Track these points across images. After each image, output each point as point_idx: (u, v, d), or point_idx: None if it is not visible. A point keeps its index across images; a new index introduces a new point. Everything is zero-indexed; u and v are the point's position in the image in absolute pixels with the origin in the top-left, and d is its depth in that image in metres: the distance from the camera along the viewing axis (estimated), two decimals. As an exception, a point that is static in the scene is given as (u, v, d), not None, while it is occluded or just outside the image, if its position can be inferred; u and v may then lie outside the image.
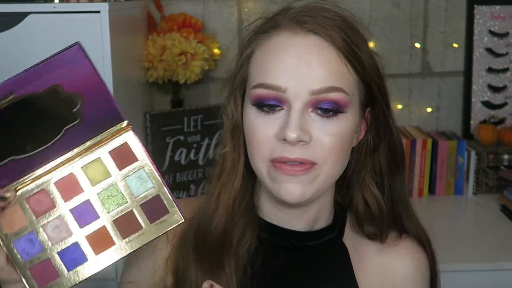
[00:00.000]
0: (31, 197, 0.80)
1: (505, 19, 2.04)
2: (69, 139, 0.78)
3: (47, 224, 0.79)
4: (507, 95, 2.07)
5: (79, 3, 1.36)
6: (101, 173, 0.80)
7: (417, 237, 0.96)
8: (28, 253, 0.79)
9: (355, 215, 0.96)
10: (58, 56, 0.70)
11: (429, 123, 2.10)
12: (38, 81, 0.71)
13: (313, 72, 0.81)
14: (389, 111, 0.91)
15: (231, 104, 0.90)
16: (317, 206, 0.92)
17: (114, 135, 0.80)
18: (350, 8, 0.92)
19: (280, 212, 0.92)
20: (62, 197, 0.80)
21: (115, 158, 0.80)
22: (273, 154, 0.83)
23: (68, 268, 0.79)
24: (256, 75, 0.85)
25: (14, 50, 1.32)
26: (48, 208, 0.80)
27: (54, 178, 0.80)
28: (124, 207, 0.80)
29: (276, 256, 0.92)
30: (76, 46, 0.70)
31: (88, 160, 0.80)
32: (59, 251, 0.79)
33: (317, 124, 0.83)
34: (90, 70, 0.72)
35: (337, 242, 0.95)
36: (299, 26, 0.84)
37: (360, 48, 0.85)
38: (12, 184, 0.79)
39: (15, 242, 0.79)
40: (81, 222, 0.79)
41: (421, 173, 1.94)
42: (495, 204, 1.87)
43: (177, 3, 1.98)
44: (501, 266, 1.54)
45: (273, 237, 0.92)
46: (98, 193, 0.80)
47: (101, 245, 0.79)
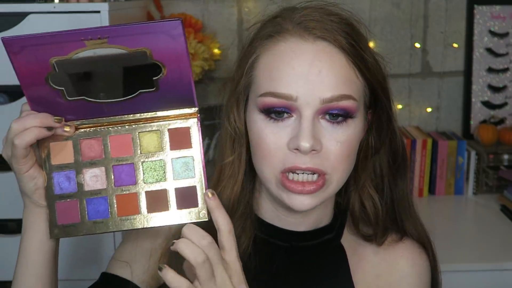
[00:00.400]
0: (85, 140, 0.83)
1: (505, 19, 2.04)
2: (140, 103, 0.80)
3: (88, 170, 0.83)
4: (507, 95, 2.07)
5: (79, 3, 1.36)
6: (154, 145, 0.83)
7: (418, 239, 0.96)
8: (62, 188, 0.83)
9: (351, 216, 0.96)
10: (158, 24, 0.72)
11: (429, 123, 2.10)
12: (132, 38, 0.72)
13: (324, 79, 0.81)
14: (392, 112, 0.90)
15: (233, 110, 0.89)
16: (320, 211, 0.92)
17: (181, 116, 0.83)
18: (350, 8, 0.91)
19: (282, 215, 0.92)
20: (111, 151, 0.83)
21: (172, 137, 0.83)
22: (285, 164, 0.82)
23: (89, 217, 0.82)
24: (264, 82, 0.84)
25: (14, 50, 1.32)
26: (96, 156, 0.83)
27: (112, 132, 0.83)
28: (160, 184, 0.82)
29: (273, 256, 0.92)
30: (178, 21, 0.71)
31: (147, 129, 0.83)
32: (88, 198, 0.82)
33: (327, 131, 0.82)
34: (182, 48, 0.74)
35: (334, 242, 0.95)
36: (307, 32, 0.83)
37: (366, 51, 0.85)
38: (75, 122, 0.82)
39: (54, 174, 0.83)
40: (118, 181, 0.82)
41: (421, 173, 1.94)
42: (495, 204, 1.87)
43: (177, 3, 1.98)
44: (501, 266, 1.54)
45: (270, 237, 0.92)
46: (143, 161, 0.83)
47: (126, 209, 0.82)
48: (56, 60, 0.74)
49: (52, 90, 0.77)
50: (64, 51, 0.74)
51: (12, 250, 0.90)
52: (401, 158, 0.94)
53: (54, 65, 0.75)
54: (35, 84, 0.77)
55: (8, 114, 1.33)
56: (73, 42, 0.73)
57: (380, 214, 0.93)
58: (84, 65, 0.75)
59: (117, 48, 0.73)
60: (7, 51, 0.74)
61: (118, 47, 0.73)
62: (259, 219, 0.93)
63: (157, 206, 0.82)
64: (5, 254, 1.33)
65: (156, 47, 0.74)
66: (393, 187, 0.94)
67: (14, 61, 0.75)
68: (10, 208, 1.36)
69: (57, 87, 0.77)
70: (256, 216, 0.93)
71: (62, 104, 0.79)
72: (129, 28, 0.72)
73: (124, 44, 0.73)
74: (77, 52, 0.73)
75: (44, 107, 0.80)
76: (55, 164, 0.83)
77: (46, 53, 0.74)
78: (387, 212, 0.95)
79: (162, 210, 0.82)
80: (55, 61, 0.74)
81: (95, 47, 0.73)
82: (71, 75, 0.76)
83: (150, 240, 0.93)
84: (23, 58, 0.74)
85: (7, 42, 0.73)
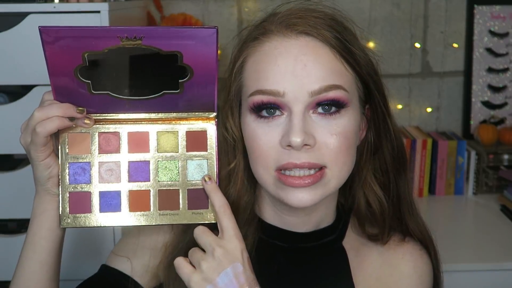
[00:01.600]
0: (104, 133, 0.84)
1: (505, 19, 2.04)
2: (163, 103, 0.82)
3: (104, 163, 0.84)
4: (507, 95, 2.07)
5: (79, 3, 1.36)
6: (170, 144, 0.84)
7: (421, 238, 0.96)
8: (76, 179, 0.84)
9: (356, 215, 0.95)
10: (193, 30, 0.74)
11: (429, 123, 2.10)
12: (166, 41, 0.74)
13: (310, 73, 0.81)
14: (387, 107, 0.90)
15: (229, 118, 0.90)
16: (322, 210, 0.92)
17: (199, 119, 0.84)
18: (350, 8, 0.92)
19: (284, 216, 0.92)
20: (129, 147, 0.84)
21: (189, 139, 0.84)
22: (279, 162, 0.82)
23: (101, 209, 0.83)
24: (252, 82, 0.84)
25: (14, 50, 1.32)
26: (112, 150, 0.84)
27: (131, 128, 0.84)
28: (173, 183, 0.84)
29: (274, 257, 0.92)
30: (214, 29, 0.73)
31: (166, 128, 0.84)
32: (101, 190, 0.84)
33: (320, 125, 0.82)
34: (212, 56, 0.75)
35: (336, 244, 0.94)
36: (290, 29, 0.83)
37: (354, 44, 0.85)
38: (96, 115, 0.84)
39: (70, 164, 0.84)
40: (132, 177, 0.84)
41: (421, 173, 1.94)
42: (495, 204, 1.87)
43: (177, 3, 1.98)
44: (501, 266, 1.53)
45: (271, 238, 0.92)
46: (158, 160, 0.84)
47: (138, 205, 0.83)
48: (88, 53, 0.75)
49: (79, 82, 0.78)
50: (98, 46, 0.75)
51: (12, 250, 0.90)
52: (400, 154, 0.93)
53: (85, 58, 0.76)
54: (63, 74, 0.78)
55: (8, 114, 1.33)
56: (109, 38, 0.74)
57: (386, 210, 0.92)
58: (114, 61, 0.77)
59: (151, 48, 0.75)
60: (42, 39, 0.75)
61: (152, 47, 0.74)
62: (260, 220, 0.93)
63: (168, 205, 0.83)
64: (5, 254, 1.33)
65: (188, 51, 0.75)
66: (399, 184, 0.94)
67: (46, 49, 0.75)
68: (10, 208, 1.36)
69: (85, 80, 0.78)
70: (259, 218, 0.93)
71: (86, 96, 0.80)
72: (165, 31, 0.74)
73: (158, 45, 0.74)
74: (110, 48, 0.75)
75: (67, 97, 0.80)
76: (72, 154, 0.84)
77: (80, 46, 0.75)
78: (393, 209, 0.94)
79: (173, 209, 0.83)
80: (87, 55, 0.76)
81: (130, 46, 0.74)
82: (100, 69, 0.77)
83: (151, 238, 0.93)
84: (56, 48, 0.75)
85: (44, 30, 0.74)
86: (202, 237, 0.81)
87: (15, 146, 0.82)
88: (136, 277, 0.92)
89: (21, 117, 0.87)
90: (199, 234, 0.82)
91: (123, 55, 0.75)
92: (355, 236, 0.95)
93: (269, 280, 0.84)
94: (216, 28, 0.73)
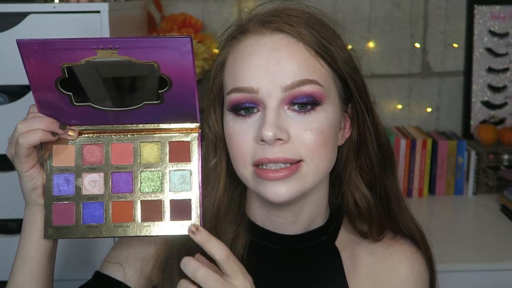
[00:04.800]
0: (87, 145, 0.85)
1: (505, 19, 2.04)
2: (144, 114, 0.82)
3: (88, 175, 0.84)
4: (507, 95, 2.07)
5: (79, 3, 1.36)
6: (154, 155, 0.84)
7: (412, 235, 0.95)
8: (60, 190, 0.84)
9: (346, 213, 0.95)
10: (169, 39, 0.74)
11: (429, 123, 2.10)
12: (142, 51, 0.74)
13: (283, 68, 0.81)
14: (368, 106, 0.90)
15: (211, 115, 0.91)
16: (310, 210, 0.91)
17: (182, 130, 0.84)
18: (350, 8, 0.92)
19: (273, 218, 0.91)
20: (112, 158, 0.85)
21: (172, 150, 0.84)
22: (254, 157, 0.83)
23: (84, 221, 0.84)
24: (230, 81, 0.86)
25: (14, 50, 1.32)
26: (96, 161, 0.85)
27: (114, 139, 0.85)
28: (157, 195, 0.84)
29: (266, 259, 0.92)
30: (187, 38, 0.73)
31: (149, 139, 0.85)
32: (85, 202, 0.84)
33: (295, 121, 0.82)
34: (189, 65, 0.76)
35: (329, 245, 0.94)
36: (265, 26, 0.85)
37: (331, 42, 0.85)
38: (80, 127, 0.84)
39: (54, 175, 0.84)
40: (115, 188, 0.84)
41: (421, 173, 1.94)
42: (495, 204, 1.87)
43: (177, 3, 1.98)
44: (501, 266, 1.53)
45: (263, 241, 0.92)
46: (142, 171, 0.84)
47: (121, 217, 0.83)
48: (66, 65, 0.76)
49: (60, 95, 0.79)
50: (76, 58, 0.75)
51: (12, 250, 0.90)
52: (385, 152, 0.93)
53: (64, 70, 0.76)
54: (44, 87, 0.78)
55: (8, 114, 1.33)
56: (85, 50, 0.74)
57: (373, 209, 0.92)
58: (93, 72, 0.77)
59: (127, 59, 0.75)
60: (21, 52, 0.75)
61: (128, 58, 0.75)
62: (251, 222, 0.93)
63: (151, 216, 0.83)
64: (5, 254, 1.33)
65: (164, 62, 0.75)
66: (385, 181, 0.94)
67: (26, 63, 0.76)
68: (10, 208, 1.36)
69: (65, 92, 0.79)
70: (249, 220, 0.93)
71: (69, 108, 0.81)
72: (140, 41, 0.74)
73: (133, 56, 0.74)
74: (87, 59, 0.75)
75: (51, 110, 0.81)
76: (56, 166, 0.84)
77: (58, 58, 0.75)
78: (382, 206, 0.94)
79: (156, 220, 0.83)
80: (65, 66, 0.76)
81: (106, 57, 0.74)
82: (79, 81, 0.78)
83: (144, 245, 0.94)
84: (35, 60, 0.76)
85: (22, 43, 0.75)
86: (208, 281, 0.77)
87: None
88: (130, 283, 0.93)
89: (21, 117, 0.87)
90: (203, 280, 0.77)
91: (100, 66, 0.76)
92: (348, 235, 0.95)
93: (262, 283, 0.84)
94: (190, 37, 0.73)
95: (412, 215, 0.98)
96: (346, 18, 1.99)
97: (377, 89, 2.05)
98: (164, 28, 1.91)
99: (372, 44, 2.04)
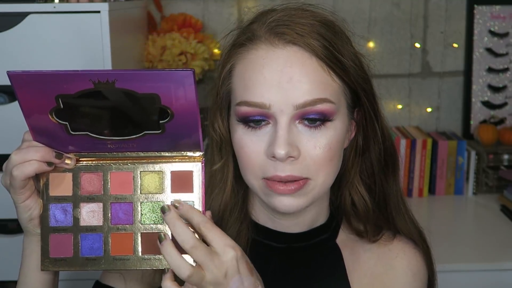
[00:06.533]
0: (86, 173, 0.81)
1: (505, 19, 2.04)
2: (145, 142, 0.78)
3: (86, 205, 0.80)
4: (507, 95, 2.07)
5: (79, 3, 1.36)
6: (155, 185, 0.80)
7: (411, 237, 0.96)
8: (58, 220, 0.81)
9: (344, 212, 0.95)
10: (169, 72, 0.70)
11: (429, 123, 2.10)
12: (141, 83, 0.71)
13: (296, 86, 0.80)
14: (377, 112, 0.90)
15: (217, 118, 0.90)
16: (313, 213, 0.92)
17: (185, 158, 0.80)
18: (350, 8, 0.91)
19: (276, 219, 0.92)
20: (111, 188, 0.81)
21: (174, 179, 0.80)
22: (265, 173, 0.83)
23: (82, 253, 0.80)
24: (239, 91, 0.84)
25: (14, 50, 1.32)
26: (95, 191, 0.81)
27: (113, 168, 0.81)
28: (157, 227, 0.79)
29: (269, 258, 0.92)
30: (190, 72, 0.70)
31: (150, 168, 0.80)
32: (83, 233, 0.80)
33: (305, 136, 0.82)
34: (192, 97, 0.72)
35: (330, 242, 0.94)
36: (277, 37, 0.82)
37: (343, 52, 0.84)
38: (78, 154, 0.80)
39: (51, 205, 0.81)
40: (114, 219, 0.80)
41: (421, 173, 1.94)
42: (495, 204, 1.87)
43: (177, 3, 1.98)
44: (501, 266, 1.53)
45: (265, 239, 0.92)
46: (142, 202, 0.80)
47: (120, 249, 0.80)
48: (61, 96, 0.73)
49: (56, 124, 0.76)
50: (71, 89, 0.72)
51: (12, 250, 0.90)
52: (389, 157, 0.94)
53: (59, 100, 0.73)
54: (38, 115, 0.75)
55: (8, 114, 1.33)
56: (80, 82, 0.71)
57: (370, 211, 0.93)
58: (89, 102, 0.74)
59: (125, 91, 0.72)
60: (12, 84, 0.72)
61: (126, 90, 0.71)
62: (253, 222, 0.93)
63: (152, 249, 0.79)
64: (5, 254, 1.33)
65: (165, 93, 0.72)
66: (385, 185, 0.94)
67: (18, 94, 0.73)
68: (10, 208, 1.35)
69: (61, 121, 0.75)
70: (251, 220, 0.93)
71: (65, 136, 0.77)
72: (139, 74, 0.71)
73: (132, 88, 0.71)
74: (83, 91, 0.72)
75: (47, 137, 0.78)
76: (53, 195, 0.81)
77: (51, 89, 0.72)
78: (380, 210, 0.94)
79: (157, 253, 0.79)
80: (60, 97, 0.73)
81: (103, 89, 0.71)
82: (76, 111, 0.75)
83: None
84: (28, 91, 0.72)
85: (12, 76, 0.71)
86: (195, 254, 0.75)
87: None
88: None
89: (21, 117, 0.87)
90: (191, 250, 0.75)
91: (98, 97, 0.72)
92: (347, 233, 0.96)
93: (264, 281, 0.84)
94: (193, 70, 0.70)
95: (413, 218, 0.98)
96: (346, 18, 1.97)
97: (377, 89, 2.05)
98: (164, 28, 1.91)
99: (372, 44, 2.04)
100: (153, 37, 1.86)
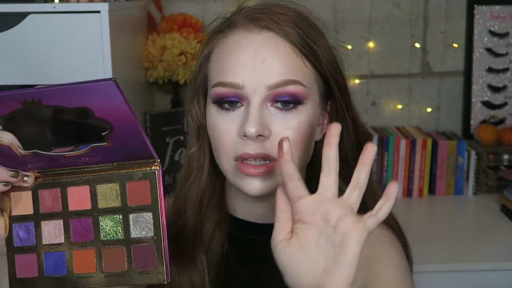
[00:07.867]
0: (45, 190, 0.79)
1: (505, 19, 2.04)
2: (97, 155, 0.76)
3: (47, 223, 0.79)
4: (507, 95, 2.07)
5: (79, 3, 1.36)
6: (112, 198, 0.78)
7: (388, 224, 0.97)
8: (22, 240, 0.79)
9: None
10: (92, 84, 0.68)
11: (429, 123, 2.10)
12: (68, 98, 0.69)
13: (269, 67, 0.83)
14: (348, 104, 0.91)
15: (194, 105, 0.92)
16: None
17: (142, 167, 0.77)
18: (351, 9, 0.92)
19: (252, 208, 0.92)
20: (70, 203, 0.78)
21: (131, 190, 0.77)
22: (236, 152, 0.84)
23: (47, 272, 0.78)
24: (215, 74, 0.87)
25: (14, 50, 1.33)
26: (55, 208, 0.79)
27: (70, 183, 0.78)
28: (117, 241, 0.77)
29: (250, 251, 0.92)
30: (111, 82, 0.67)
31: (106, 181, 0.78)
32: (46, 252, 0.78)
33: (277, 118, 0.84)
34: (122, 106, 0.69)
35: None
36: (253, 23, 0.85)
37: (316, 42, 0.86)
38: (35, 172, 0.78)
39: (14, 225, 0.79)
40: (75, 236, 0.78)
41: (421, 173, 1.94)
42: (495, 204, 1.87)
43: (177, 3, 1.98)
44: (501, 266, 1.54)
45: (244, 233, 0.93)
46: (100, 216, 0.78)
47: (83, 267, 0.77)
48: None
49: (4, 145, 0.73)
50: (2, 111, 0.70)
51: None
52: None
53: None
54: None
55: (8, 114, 1.33)
56: (9, 103, 0.69)
57: None
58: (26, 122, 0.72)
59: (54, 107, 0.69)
60: None
61: (55, 106, 0.69)
62: (231, 216, 0.94)
63: (113, 265, 0.77)
64: (5, 254, 1.33)
65: (96, 105, 0.69)
66: None
67: None
68: (10, 208, 1.36)
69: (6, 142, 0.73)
70: (228, 214, 0.94)
71: (17, 155, 0.75)
72: (62, 90, 0.68)
73: (60, 103, 0.69)
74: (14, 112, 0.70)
75: (4, 158, 0.75)
76: (15, 215, 0.79)
77: None
78: None
79: (119, 269, 0.77)
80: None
81: (31, 108, 0.69)
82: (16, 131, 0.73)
83: None
84: None
85: None
86: None
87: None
88: None
89: (21, 117, 0.87)
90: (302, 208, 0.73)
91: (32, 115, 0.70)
92: None
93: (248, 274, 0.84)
94: (113, 79, 0.66)
95: None
96: (346, 18, 1.99)
97: (377, 89, 2.06)
98: (164, 28, 1.91)
99: (372, 44, 2.04)
100: (153, 37, 1.86)
